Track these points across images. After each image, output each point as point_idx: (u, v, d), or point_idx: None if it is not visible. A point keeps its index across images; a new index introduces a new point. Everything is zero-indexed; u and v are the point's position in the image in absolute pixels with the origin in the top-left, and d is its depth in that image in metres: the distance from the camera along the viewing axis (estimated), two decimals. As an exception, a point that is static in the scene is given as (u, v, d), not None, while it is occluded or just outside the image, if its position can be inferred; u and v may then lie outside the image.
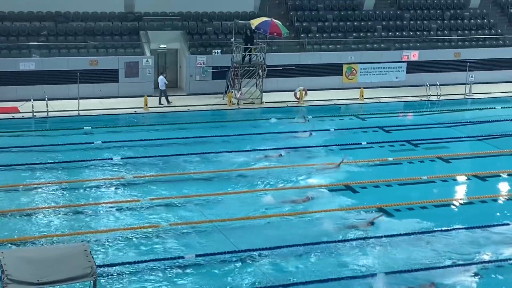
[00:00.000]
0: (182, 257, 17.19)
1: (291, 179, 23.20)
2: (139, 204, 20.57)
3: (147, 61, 34.62)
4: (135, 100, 33.21)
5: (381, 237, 18.50)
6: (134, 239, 18.25)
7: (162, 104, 33.26)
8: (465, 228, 19.26)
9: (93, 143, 26.63)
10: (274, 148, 26.27)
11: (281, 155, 25.53)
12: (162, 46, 36.16)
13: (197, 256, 17.27)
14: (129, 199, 21.02)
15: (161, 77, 33.37)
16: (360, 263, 17.17)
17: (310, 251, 17.70)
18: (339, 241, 18.30)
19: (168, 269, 16.65)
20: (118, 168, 23.84)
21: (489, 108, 34.22)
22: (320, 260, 17.32)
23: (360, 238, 18.47)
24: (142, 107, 32.28)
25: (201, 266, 16.89)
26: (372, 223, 19.36)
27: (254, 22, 33.64)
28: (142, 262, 16.85)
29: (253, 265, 17.00)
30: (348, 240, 18.34)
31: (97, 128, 28.88)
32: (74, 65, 33.21)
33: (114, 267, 16.56)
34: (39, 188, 21.73)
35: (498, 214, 20.67)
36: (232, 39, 34.64)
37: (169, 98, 33.47)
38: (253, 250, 17.63)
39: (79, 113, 31.01)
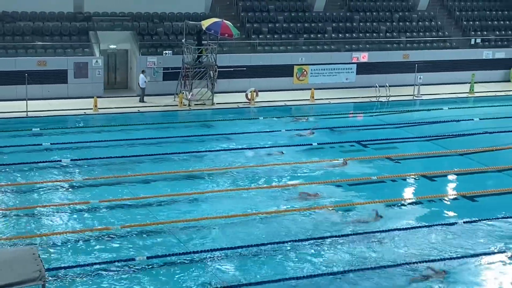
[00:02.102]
0: (133, 259, 17.07)
1: (248, 178, 23.31)
2: (89, 206, 20.34)
3: (96, 61, 34.26)
4: (84, 101, 32.83)
5: (328, 237, 18.68)
6: (84, 242, 18.03)
7: (145, 102, 33.64)
8: (414, 228, 19.54)
9: (41, 144, 26.24)
10: (235, 148, 26.32)
11: (282, 152, 26.12)
12: (112, 46, 35.83)
13: (148, 258, 17.17)
14: (78, 201, 20.77)
15: (141, 76, 33.52)
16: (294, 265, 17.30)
17: (266, 251, 17.76)
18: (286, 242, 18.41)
19: (119, 272, 16.50)
20: (67, 170, 23.53)
21: (436, 109, 34.80)
22: (276, 259, 17.38)
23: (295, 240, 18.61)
24: (91, 108, 31.93)
25: (153, 268, 16.79)
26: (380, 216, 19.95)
27: (205, 23, 33.61)
28: (92, 264, 16.67)
29: (205, 266, 16.96)
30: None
31: (45, 130, 28.46)
32: (22, 66, 32.68)
33: (63, 270, 16.33)
34: (-14, 190, 21.35)
35: (445, 213, 21.02)
36: (183, 40, 34.52)
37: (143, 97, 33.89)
38: (205, 251, 17.61)
39: (27, 115, 30.52)
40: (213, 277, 16.42)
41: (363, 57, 39.08)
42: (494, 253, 18.18)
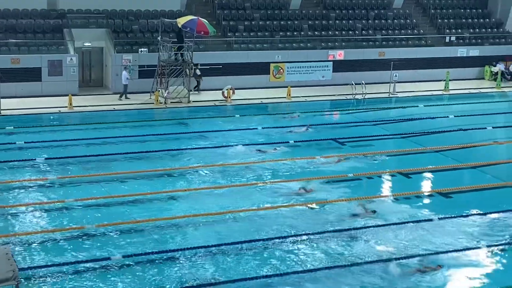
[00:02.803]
0: (109, 258, 16.93)
1: (225, 176, 23.24)
2: (63, 205, 20.14)
3: (71, 59, 33.99)
4: (59, 100, 32.56)
5: (304, 234, 18.71)
6: (58, 241, 17.85)
7: (122, 99, 33.66)
8: (389, 225, 19.61)
9: (15, 143, 25.96)
10: (211, 146, 26.28)
11: (275, 149, 26.28)
12: (86, 44, 35.57)
13: (124, 257, 17.04)
14: (53, 200, 20.56)
15: (124, 73, 33.54)
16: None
17: (243, 249, 17.75)
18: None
19: (94, 271, 16.35)
20: (42, 169, 23.29)
21: (412, 106, 34.99)
22: (244, 259, 17.34)
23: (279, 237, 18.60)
24: (66, 106, 31.66)
25: (129, 267, 16.67)
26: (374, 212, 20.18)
27: (181, 21, 33.49)
28: (67, 264, 16.49)
29: (181, 265, 16.87)
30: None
31: (19, 128, 28.17)
32: (-5, 64, 32.36)
33: (37, 270, 16.15)
34: (-42, 190, 21.07)
35: (421, 209, 21.10)
36: (159, 38, 34.35)
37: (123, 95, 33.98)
38: (181, 249, 17.52)
39: (0, 113, 30.18)
40: (190, 275, 16.34)
41: (339, 55, 39.16)
42: (468, 249, 18.28)
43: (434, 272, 16.84)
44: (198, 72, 35.74)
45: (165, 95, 33.62)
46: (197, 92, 35.69)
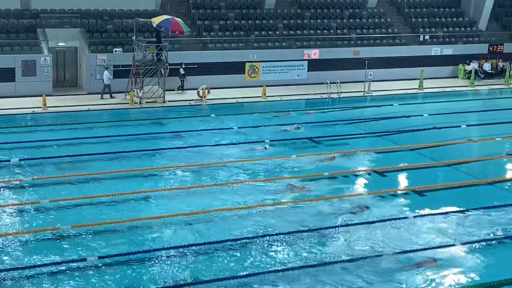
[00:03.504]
0: (84, 259, 16.83)
1: (200, 176, 23.23)
2: (38, 206, 19.99)
3: (45, 59, 33.72)
4: (33, 100, 32.28)
5: (277, 234, 18.76)
6: (33, 242, 17.72)
7: (104, 98, 33.58)
8: (365, 223, 19.72)
9: (-11, 144, 25.77)
10: (187, 146, 26.24)
11: (266, 148, 26.51)
12: (60, 44, 35.29)
13: (99, 257, 16.96)
14: (28, 201, 20.40)
15: (106, 72, 33.44)
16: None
17: (217, 249, 17.75)
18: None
19: (70, 272, 16.25)
20: (16, 170, 23.10)
21: (387, 105, 35.19)
22: (221, 259, 17.35)
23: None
24: (40, 107, 31.41)
25: (104, 268, 16.59)
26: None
27: (155, 20, 33.36)
28: (42, 266, 16.38)
29: (157, 265, 16.83)
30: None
31: (-7, 129, 27.96)
32: (-32, 64, 32.05)
33: (11, 272, 16.02)
34: None
35: (396, 207, 21.23)
36: (133, 37, 34.19)
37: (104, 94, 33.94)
38: (157, 250, 17.49)
39: (-27, 114, 29.94)
40: (166, 276, 16.30)
41: (314, 54, 39.27)
42: (443, 246, 18.44)
43: (430, 266, 17.14)
44: (182, 71, 35.68)
45: (140, 95, 33.49)
46: (181, 91, 35.55)
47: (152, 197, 21.25)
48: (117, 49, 35.22)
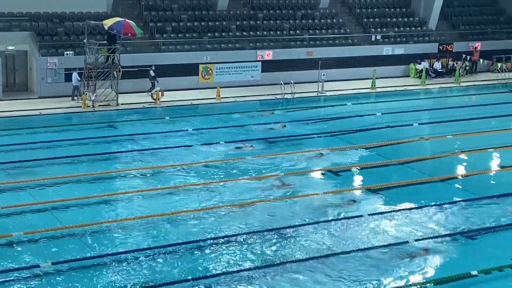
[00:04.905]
0: (38, 266, 16.58)
1: (156, 179, 23.11)
2: (-11, 213, 19.65)
3: (-6, 63, 33.15)
4: (-18, 105, 31.74)
5: (234, 235, 18.75)
6: (-15, 250, 17.42)
7: (75, 100, 33.49)
8: (321, 222, 19.83)
9: None
10: (142, 149, 26.05)
11: (252, 146, 26.87)
12: (10, 47, 34.69)
13: (53, 263, 16.73)
14: (-22, 208, 20.04)
15: (74, 74, 33.32)
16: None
17: (176, 251, 17.66)
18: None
19: (23, 279, 15.99)
20: (-35, 177, 22.67)
21: (340, 105, 35.45)
22: (179, 261, 17.28)
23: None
24: (-10, 112, 30.91)
25: (59, 274, 16.36)
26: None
27: (107, 23, 33.03)
28: (-6, 273, 16.12)
29: (112, 269, 16.68)
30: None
31: None
32: None
33: (-37, 281, 15.74)
34: None
35: (351, 206, 21.39)
36: (85, 40, 33.81)
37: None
38: (112, 254, 17.32)
39: None
40: (123, 280, 16.16)
41: (268, 54, 39.36)
42: (398, 244, 18.63)
43: (423, 257, 17.61)
44: (152, 73, 35.36)
45: (93, 98, 33.13)
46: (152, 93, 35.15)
47: (106, 201, 21.04)
48: (68, 52, 34.78)
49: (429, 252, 18.13)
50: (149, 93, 35.13)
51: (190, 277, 16.33)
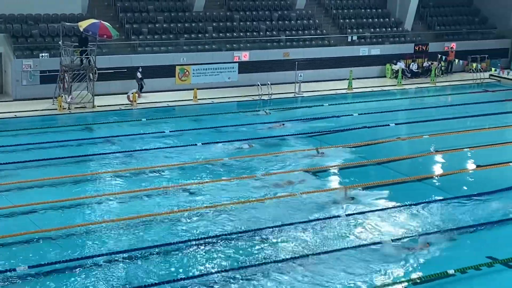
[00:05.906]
0: (14, 270, 16.42)
1: (133, 181, 22.97)
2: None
3: (-32, 66, 32.80)
4: (-44, 108, 31.39)
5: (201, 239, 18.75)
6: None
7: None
8: (296, 223, 19.86)
9: None
10: (119, 151, 25.94)
11: (252, 145, 27.07)
12: (-16, 50, 34.39)
13: (29, 267, 16.57)
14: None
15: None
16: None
17: (154, 253, 17.58)
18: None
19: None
20: None
21: (317, 106, 35.52)
22: (156, 264, 17.21)
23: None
24: (-36, 115, 30.57)
25: (35, 278, 16.22)
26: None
27: (82, 24, 32.83)
28: (-31, 278, 15.94)
29: (89, 272, 16.57)
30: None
31: None
32: None
33: None
34: None
35: (328, 207, 21.42)
36: (60, 42, 33.55)
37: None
38: (88, 257, 17.23)
39: None
40: (99, 283, 16.06)
41: (244, 56, 39.34)
42: (374, 243, 18.72)
43: (425, 250, 18.00)
44: (139, 75, 35.19)
45: (69, 100, 32.88)
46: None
47: (83, 204, 20.92)
48: (43, 54, 34.50)
49: (407, 252, 18.20)
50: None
51: (167, 279, 16.27)
